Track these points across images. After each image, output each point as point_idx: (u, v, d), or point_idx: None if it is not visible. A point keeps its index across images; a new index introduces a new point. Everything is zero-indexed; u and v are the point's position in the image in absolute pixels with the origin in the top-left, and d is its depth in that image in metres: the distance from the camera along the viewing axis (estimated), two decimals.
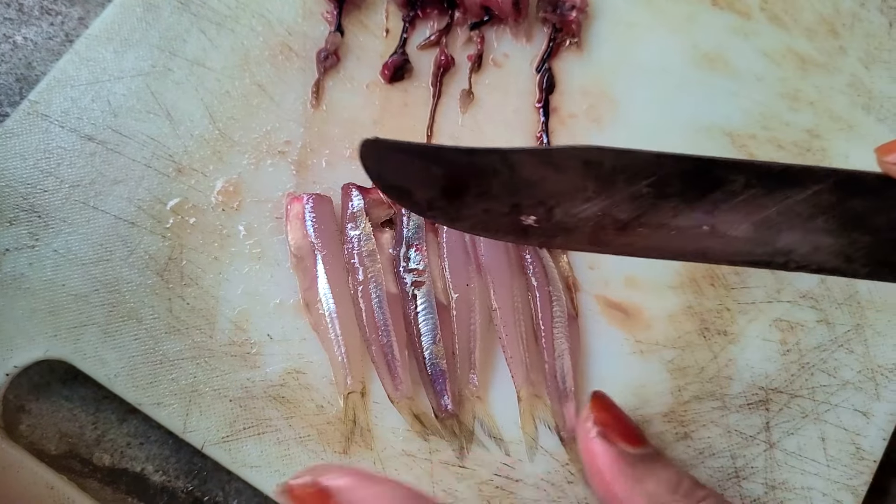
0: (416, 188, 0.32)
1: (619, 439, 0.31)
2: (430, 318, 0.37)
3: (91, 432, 0.38)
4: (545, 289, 0.38)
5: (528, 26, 0.43)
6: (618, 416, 0.32)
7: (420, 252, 0.38)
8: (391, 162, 0.32)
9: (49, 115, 0.41)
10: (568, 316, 0.39)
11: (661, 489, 0.30)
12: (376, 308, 0.37)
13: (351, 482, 0.27)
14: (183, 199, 0.40)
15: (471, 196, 0.32)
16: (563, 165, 0.31)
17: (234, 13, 0.43)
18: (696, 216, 0.32)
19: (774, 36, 0.44)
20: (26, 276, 0.39)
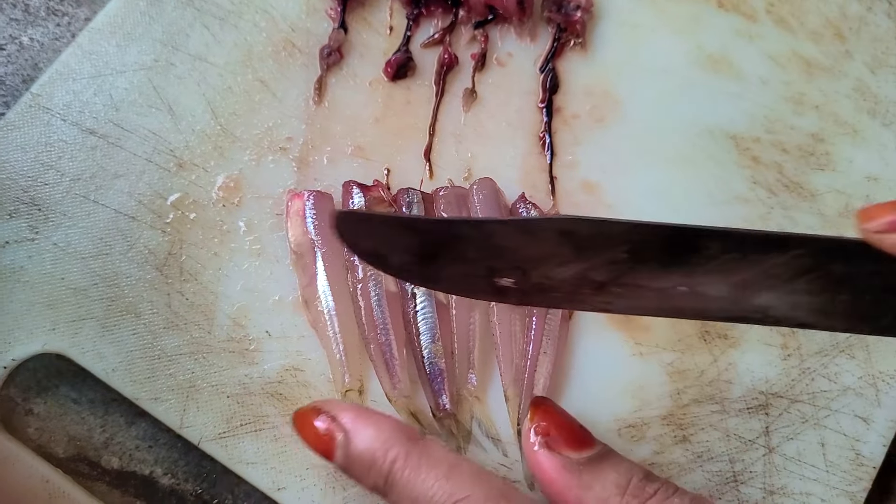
0: (393, 255, 0.32)
1: (563, 446, 0.31)
2: (429, 317, 0.37)
3: (99, 435, 0.38)
4: None
5: (532, 26, 0.43)
6: (560, 423, 0.32)
7: None
8: (366, 231, 0.32)
9: (51, 108, 0.41)
10: (561, 317, 0.38)
11: (609, 492, 0.30)
12: (375, 306, 0.37)
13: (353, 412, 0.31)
14: (183, 195, 0.40)
15: (446, 261, 0.32)
16: (539, 234, 0.31)
17: (238, 8, 0.43)
18: (672, 279, 0.31)
19: (780, 39, 0.44)
20: (25, 269, 0.39)
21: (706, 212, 0.41)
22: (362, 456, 0.30)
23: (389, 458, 0.30)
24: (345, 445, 0.31)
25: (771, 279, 0.31)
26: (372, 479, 0.30)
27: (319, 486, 0.37)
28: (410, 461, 0.30)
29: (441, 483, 0.29)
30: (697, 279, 0.31)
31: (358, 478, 0.31)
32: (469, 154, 0.42)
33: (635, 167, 0.41)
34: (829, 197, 0.41)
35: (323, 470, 0.37)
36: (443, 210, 0.39)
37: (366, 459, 0.30)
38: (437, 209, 0.39)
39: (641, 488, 0.30)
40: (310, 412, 0.32)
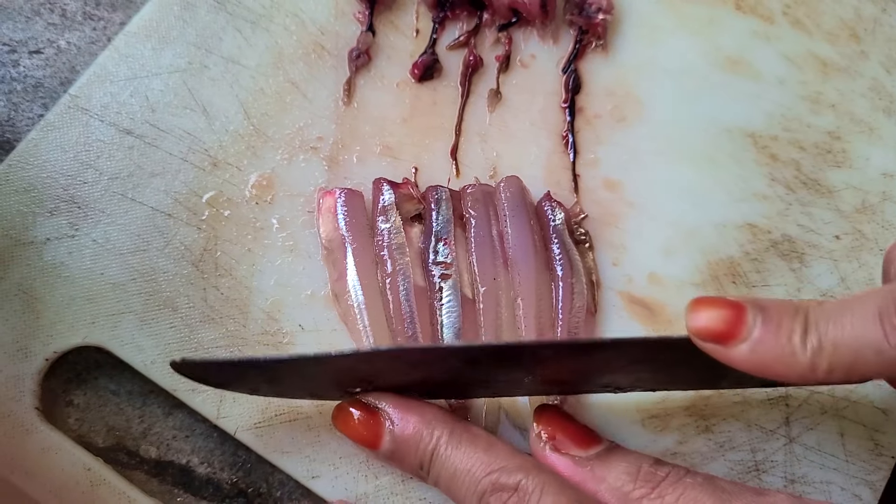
0: (238, 385, 0.36)
1: (571, 446, 0.33)
2: (453, 311, 0.38)
3: (138, 426, 0.39)
4: (568, 280, 0.39)
5: (554, 28, 0.45)
6: (564, 425, 0.34)
7: (448, 245, 0.39)
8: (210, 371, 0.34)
9: (89, 109, 0.42)
10: (587, 311, 0.39)
11: (622, 481, 0.31)
12: (403, 300, 0.38)
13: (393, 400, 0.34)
14: (218, 193, 0.41)
15: (292, 383, 0.35)
16: (376, 363, 0.33)
17: (269, 12, 0.44)
18: (513, 374, 0.34)
19: (796, 40, 0.45)
20: (66, 265, 0.40)
21: (726, 209, 0.42)
22: (408, 439, 0.32)
23: (435, 437, 0.32)
24: (391, 431, 0.32)
25: (607, 367, 0.33)
26: (417, 458, 0.32)
27: (352, 474, 0.38)
28: (453, 439, 0.32)
29: (480, 455, 0.31)
30: (537, 373, 0.33)
31: (401, 460, 0.32)
32: (494, 153, 0.43)
33: (656, 165, 0.43)
34: (846, 193, 0.42)
35: (356, 459, 0.38)
36: (470, 207, 0.40)
37: (412, 442, 0.32)
38: (465, 206, 0.40)
39: (653, 473, 0.31)
40: (350, 406, 0.34)
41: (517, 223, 0.40)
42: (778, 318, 0.28)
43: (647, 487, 0.30)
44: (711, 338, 0.29)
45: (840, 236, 0.42)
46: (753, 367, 0.28)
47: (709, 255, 0.41)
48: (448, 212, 0.40)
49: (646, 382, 0.35)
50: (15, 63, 0.45)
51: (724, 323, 0.28)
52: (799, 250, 0.41)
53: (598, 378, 0.35)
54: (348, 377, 0.34)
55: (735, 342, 0.28)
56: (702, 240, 0.41)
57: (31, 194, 0.41)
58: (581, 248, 0.40)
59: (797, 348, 0.27)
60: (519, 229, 0.40)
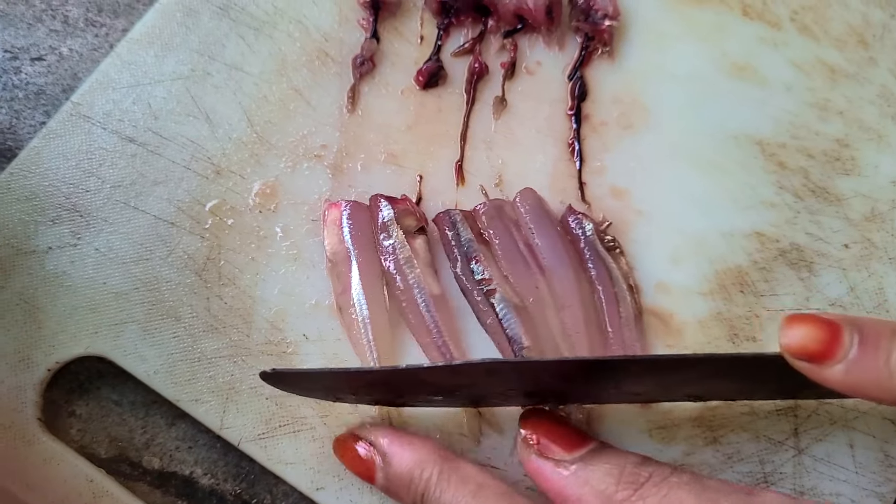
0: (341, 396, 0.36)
1: (557, 450, 0.32)
2: (514, 322, 0.38)
3: (140, 436, 0.39)
4: (610, 290, 0.39)
5: (560, 35, 0.44)
6: (549, 429, 0.33)
7: (480, 263, 0.39)
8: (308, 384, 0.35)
9: (91, 117, 0.42)
10: (634, 316, 0.39)
11: (605, 483, 0.30)
12: (424, 312, 0.38)
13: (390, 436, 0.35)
14: (221, 201, 0.41)
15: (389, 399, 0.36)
16: (466, 373, 0.33)
17: (272, 19, 0.44)
18: (600, 385, 0.34)
19: (804, 46, 0.44)
20: (68, 274, 0.40)
21: (733, 217, 0.41)
22: (401, 477, 0.33)
23: (424, 478, 0.32)
24: (384, 468, 0.33)
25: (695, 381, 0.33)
26: (410, 497, 0.32)
27: (357, 485, 0.37)
28: (442, 480, 0.32)
29: (468, 500, 0.31)
30: (623, 385, 0.34)
31: (396, 495, 0.33)
32: (500, 161, 0.42)
33: (663, 173, 0.42)
34: (855, 201, 0.42)
35: None
36: (488, 225, 0.40)
37: (404, 479, 0.33)
38: (482, 225, 0.40)
39: (636, 474, 0.30)
40: (349, 439, 0.35)
41: (544, 233, 0.39)
42: (875, 339, 0.27)
43: (629, 489, 0.30)
44: (806, 356, 0.28)
45: (849, 245, 0.41)
46: (847, 389, 0.28)
47: (716, 264, 0.41)
48: (467, 231, 0.39)
49: (728, 393, 0.35)
50: (17, 70, 0.44)
51: (820, 343, 0.28)
52: (807, 259, 0.41)
53: (681, 389, 0.34)
54: (434, 387, 0.34)
55: (830, 362, 0.28)
56: (709, 248, 0.41)
57: (33, 203, 0.41)
58: (613, 254, 0.40)
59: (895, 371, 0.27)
60: (548, 239, 0.39)
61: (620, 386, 0.34)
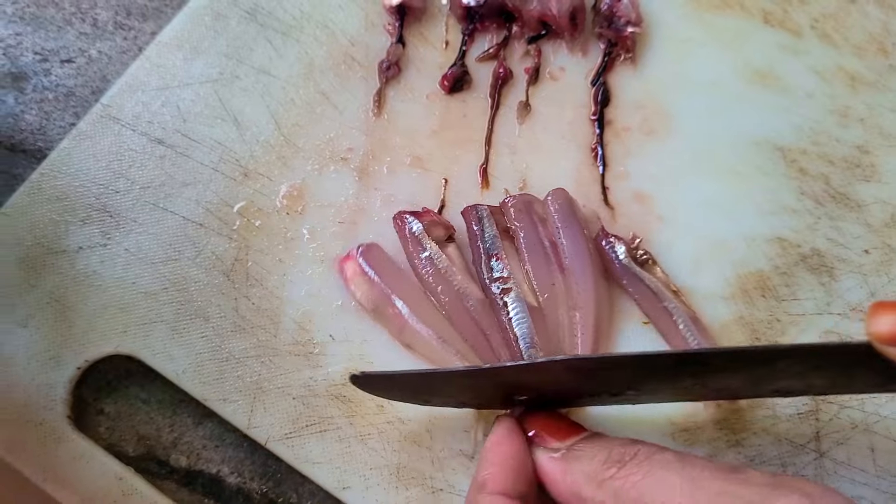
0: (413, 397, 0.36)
1: (551, 440, 0.32)
2: (524, 322, 0.38)
3: (168, 435, 0.40)
4: (660, 306, 0.39)
5: (583, 41, 0.45)
6: (545, 421, 0.33)
7: (501, 260, 0.39)
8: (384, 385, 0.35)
9: (121, 119, 0.42)
10: (691, 319, 0.39)
11: (595, 467, 0.30)
12: (476, 317, 0.38)
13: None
14: (249, 203, 0.41)
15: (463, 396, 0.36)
16: (548, 371, 0.33)
17: (299, 23, 0.44)
18: (684, 381, 0.33)
19: (825, 54, 0.45)
20: (98, 274, 0.40)
21: (755, 222, 0.42)
22: None
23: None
24: None
25: (783, 374, 0.32)
26: None
27: (383, 485, 0.38)
28: None
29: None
30: (709, 381, 0.33)
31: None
32: (524, 165, 0.43)
33: (685, 178, 0.43)
34: (875, 207, 0.42)
35: (386, 470, 0.38)
36: (515, 218, 0.40)
37: None
38: (509, 218, 0.40)
39: (622, 454, 0.30)
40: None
41: (570, 233, 0.40)
42: None
43: (615, 468, 0.30)
44: (894, 342, 0.28)
45: (869, 250, 0.42)
46: None
47: (738, 269, 0.41)
48: (492, 228, 0.40)
49: (818, 388, 0.35)
50: (47, 72, 0.45)
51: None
52: (828, 264, 0.41)
53: (772, 385, 0.34)
54: (522, 389, 0.34)
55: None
56: (731, 253, 0.41)
57: (64, 203, 0.41)
58: (647, 266, 0.40)
59: None
60: (573, 241, 0.40)
61: (704, 381, 0.33)
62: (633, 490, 0.29)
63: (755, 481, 0.28)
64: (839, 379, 0.33)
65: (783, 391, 0.35)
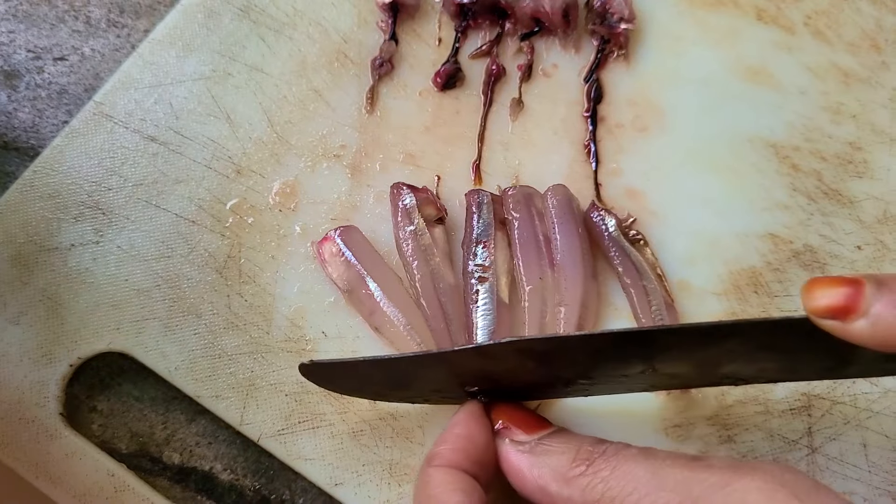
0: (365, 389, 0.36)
1: (518, 432, 0.33)
2: (488, 314, 0.38)
3: (161, 432, 0.40)
4: (639, 283, 0.39)
5: (576, 38, 0.45)
6: (513, 413, 0.34)
7: (487, 249, 0.39)
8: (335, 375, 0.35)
9: (113, 116, 0.42)
10: (665, 305, 0.39)
11: (563, 463, 0.31)
12: (441, 299, 0.38)
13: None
14: (241, 200, 0.42)
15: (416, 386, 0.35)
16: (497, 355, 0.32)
17: (292, 21, 0.44)
18: (634, 367, 0.33)
19: (818, 50, 0.45)
20: (91, 271, 0.40)
21: (747, 218, 0.42)
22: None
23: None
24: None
25: (731, 355, 0.32)
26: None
27: (375, 481, 0.38)
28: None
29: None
30: (660, 364, 0.33)
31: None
32: (517, 161, 0.43)
33: (678, 175, 0.43)
34: (868, 204, 0.42)
35: (379, 466, 0.38)
36: (512, 209, 0.40)
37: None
38: (507, 208, 0.40)
39: (590, 451, 0.31)
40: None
41: (565, 230, 0.40)
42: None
43: (583, 465, 0.30)
44: (829, 314, 0.28)
45: (862, 247, 0.42)
46: (876, 342, 0.28)
47: (730, 265, 0.41)
48: (489, 216, 0.40)
49: (769, 372, 0.34)
50: (39, 70, 0.45)
51: (842, 298, 0.28)
52: (821, 260, 0.41)
53: (721, 368, 0.34)
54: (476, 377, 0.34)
55: (854, 317, 0.28)
56: (723, 249, 0.41)
57: (56, 200, 0.41)
58: (637, 246, 0.40)
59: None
60: (567, 236, 0.40)
61: (653, 364, 0.33)
62: (602, 485, 0.29)
63: (717, 465, 0.28)
64: (787, 362, 0.33)
65: (734, 377, 0.35)
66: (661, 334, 0.32)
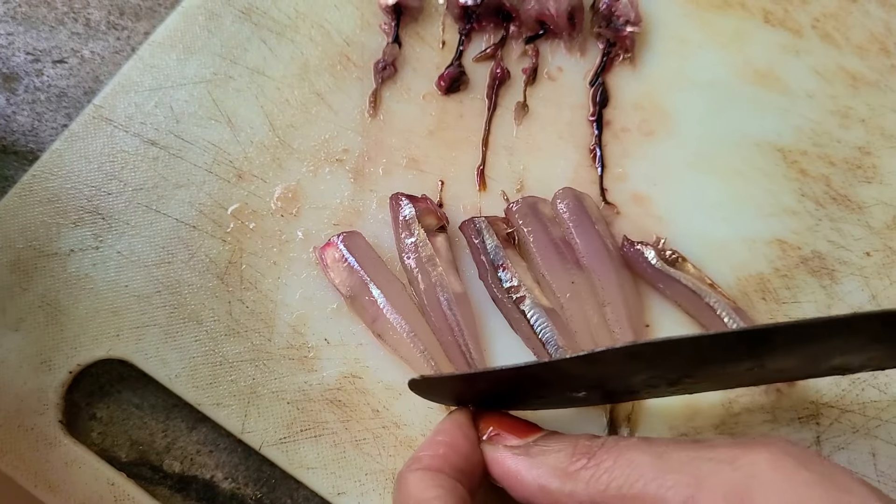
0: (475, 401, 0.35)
1: (511, 437, 0.32)
2: (546, 326, 0.37)
3: (161, 440, 0.39)
4: (702, 303, 0.39)
5: (582, 41, 0.44)
6: (502, 420, 0.33)
7: (508, 270, 0.39)
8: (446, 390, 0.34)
9: (113, 120, 0.42)
10: (735, 310, 0.39)
11: (562, 459, 0.30)
12: (447, 311, 0.38)
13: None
14: (243, 204, 0.41)
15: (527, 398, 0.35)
16: (606, 360, 0.32)
17: (294, 23, 0.44)
18: (743, 365, 0.33)
19: (826, 54, 0.44)
20: (90, 277, 0.40)
21: (755, 224, 0.41)
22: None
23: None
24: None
25: (843, 348, 0.32)
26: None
27: (378, 490, 0.37)
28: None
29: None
30: (768, 360, 0.32)
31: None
32: (521, 166, 0.42)
33: (684, 180, 0.42)
34: (877, 209, 0.42)
35: (381, 475, 0.37)
36: (522, 223, 0.40)
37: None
38: (515, 222, 0.40)
39: (588, 445, 0.30)
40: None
41: (583, 230, 0.39)
42: None
43: (584, 458, 0.30)
44: None
45: (870, 253, 0.41)
46: None
47: (738, 271, 0.41)
48: (493, 238, 0.39)
49: (877, 360, 0.33)
50: (39, 72, 0.44)
51: None
52: (829, 267, 0.41)
53: (831, 361, 0.33)
54: (582, 382, 0.33)
55: None
56: (731, 255, 0.41)
57: (55, 205, 0.41)
58: (679, 265, 0.40)
59: None
60: (586, 236, 0.39)
61: (764, 361, 0.32)
62: (606, 475, 0.29)
63: (721, 444, 0.28)
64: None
65: (842, 368, 0.34)
66: (775, 333, 0.30)
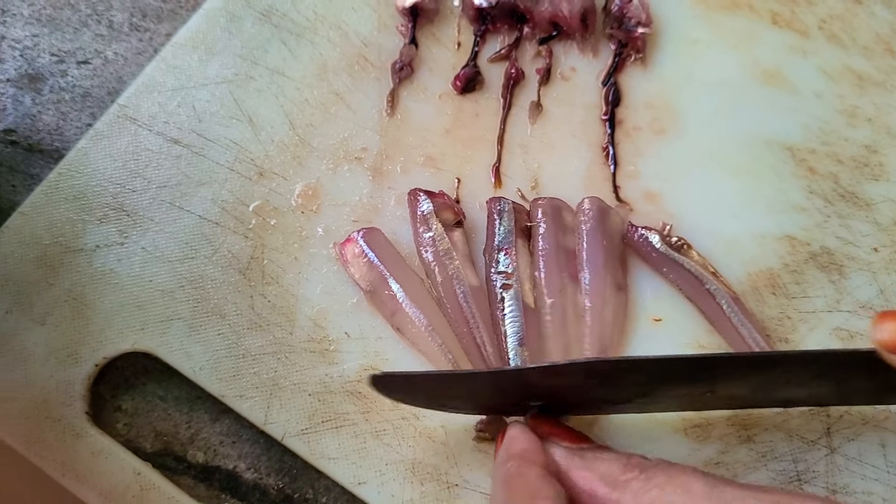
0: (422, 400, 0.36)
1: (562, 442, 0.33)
2: (516, 321, 0.38)
3: (185, 431, 0.40)
4: (702, 289, 0.40)
5: (594, 42, 0.45)
6: (554, 428, 0.34)
7: (509, 256, 0.40)
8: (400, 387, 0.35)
9: (137, 119, 0.43)
10: (733, 300, 0.40)
11: (614, 469, 0.31)
12: (463, 303, 0.39)
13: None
14: (264, 202, 0.42)
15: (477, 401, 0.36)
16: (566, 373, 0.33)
17: (313, 25, 0.45)
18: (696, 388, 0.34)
19: (833, 54, 0.45)
20: (115, 272, 0.41)
21: (765, 220, 0.42)
22: None
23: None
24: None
25: (785, 383, 0.33)
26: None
27: (398, 480, 0.38)
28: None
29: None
30: (719, 388, 0.34)
31: None
32: (536, 164, 0.43)
33: (695, 177, 0.43)
34: (884, 206, 0.43)
35: (401, 465, 0.38)
36: (540, 219, 0.41)
37: None
38: (534, 216, 0.41)
39: (641, 461, 0.31)
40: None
41: (592, 244, 0.40)
42: None
43: (636, 471, 0.31)
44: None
45: (878, 248, 0.42)
46: None
47: (748, 267, 0.42)
48: (510, 223, 0.40)
49: (822, 398, 0.36)
50: (63, 73, 0.45)
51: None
52: (838, 262, 0.42)
53: (776, 393, 0.35)
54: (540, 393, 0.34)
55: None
56: (741, 251, 0.42)
57: (81, 202, 0.42)
58: (683, 251, 0.41)
59: None
60: (593, 251, 0.40)
61: (715, 388, 0.34)
62: (656, 490, 0.30)
63: (774, 491, 0.29)
64: (841, 388, 0.34)
65: (786, 400, 0.36)
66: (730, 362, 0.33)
